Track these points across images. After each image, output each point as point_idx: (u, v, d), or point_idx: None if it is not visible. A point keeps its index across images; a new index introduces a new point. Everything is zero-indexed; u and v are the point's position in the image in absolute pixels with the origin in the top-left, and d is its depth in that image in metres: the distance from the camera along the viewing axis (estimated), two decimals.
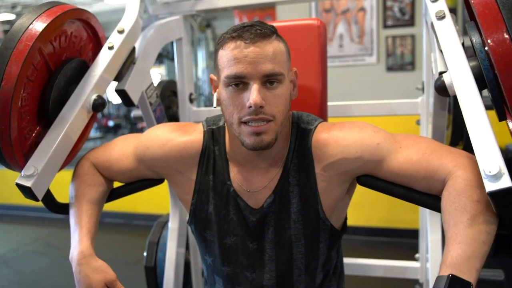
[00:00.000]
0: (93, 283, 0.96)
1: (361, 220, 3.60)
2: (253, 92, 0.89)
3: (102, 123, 10.38)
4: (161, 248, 1.75)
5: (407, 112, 1.59)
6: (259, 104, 0.88)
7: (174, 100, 1.81)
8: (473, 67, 0.90)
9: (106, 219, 4.45)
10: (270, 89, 0.92)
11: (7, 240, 4.21)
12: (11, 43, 0.99)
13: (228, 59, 0.92)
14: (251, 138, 0.92)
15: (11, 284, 3.13)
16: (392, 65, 3.57)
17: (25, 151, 1.08)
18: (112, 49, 1.25)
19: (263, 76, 0.90)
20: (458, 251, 0.76)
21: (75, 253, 1.00)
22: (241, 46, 0.91)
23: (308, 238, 1.02)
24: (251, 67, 0.90)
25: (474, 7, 0.77)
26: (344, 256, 1.81)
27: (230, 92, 0.93)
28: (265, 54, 0.91)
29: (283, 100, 0.94)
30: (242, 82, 0.91)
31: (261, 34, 0.92)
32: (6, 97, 0.97)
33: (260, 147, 0.93)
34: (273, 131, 0.93)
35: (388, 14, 3.52)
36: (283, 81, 0.94)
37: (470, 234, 0.77)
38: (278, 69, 0.92)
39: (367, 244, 3.52)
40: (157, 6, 1.71)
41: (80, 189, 1.11)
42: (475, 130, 0.81)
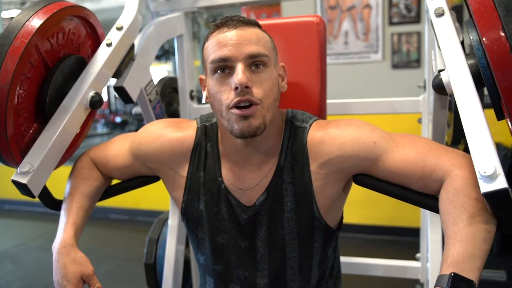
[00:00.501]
0: (69, 274, 0.94)
1: (365, 218, 3.58)
2: (238, 71, 0.89)
3: (110, 119, 10.44)
4: (161, 245, 1.75)
5: (409, 110, 1.57)
6: (244, 83, 0.88)
7: (175, 97, 1.81)
8: (471, 65, 0.88)
9: (110, 215, 4.47)
10: (256, 73, 0.92)
11: (12, 235, 4.24)
12: (7, 40, 0.99)
13: (213, 45, 0.93)
14: (238, 122, 0.90)
15: (15, 279, 3.16)
16: (397, 62, 3.54)
17: (22, 148, 1.09)
18: (110, 46, 1.24)
19: (247, 57, 0.90)
20: (459, 250, 0.75)
21: (57, 241, 1.00)
22: (224, 31, 0.93)
23: (302, 237, 1.01)
24: (235, 49, 0.90)
25: (469, 4, 0.76)
26: (347, 254, 1.81)
27: (216, 79, 0.93)
28: (248, 37, 0.92)
29: (270, 84, 0.93)
30: (227, 66, 0.91)
31: (244, 21, 0.94)
32: (1, 94, 0.97)
33: (249, 133, 0.91)
34: (260, 115, 0.91)
35: (394, 11, 3.50)
36: (269, 65, 0.94)
37: (470, 232, 0.76)
38: (263, 51, 0.92)
39: (371, 242, 3.51)
40: (158, 3, 1.71)
41: (75, 181, 1.12)
42: (471, 130, 0.80)
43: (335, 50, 3.68)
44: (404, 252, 1.77)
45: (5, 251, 3.70)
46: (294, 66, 1.29)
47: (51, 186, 1.12)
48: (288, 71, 1.25)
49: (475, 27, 0.78)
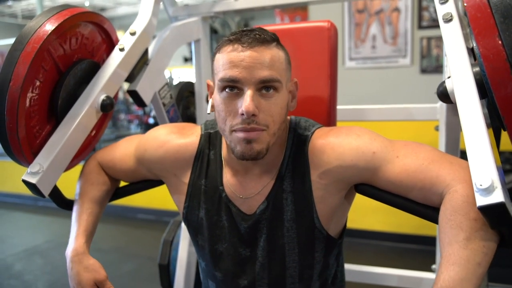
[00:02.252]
0: (83, 281, 0.99)
1: (391, 226, 3.51)
2: (246, 98, 0.86)
3: (143, 120, 10.65)
4: (175, 247, 1.77)
5: (425, 117, 1.53)
6: (251, 112, 0.86)
7: (192, 100, 1.83)
8: (475, 73, 0.85)
9: (138, 214, 4.56)
10: (265, 97, 0.89)
11: (43, 231, 4.39)
12: (20, 45, 1.03)
13: (224, 62, 0.89)
14: (241, 145, 0.90)
15: (43, 274, 3.27)
16: (426, 67, 3.46)
17: (35, 149, 1.12)
18: (123, 51, 1.27)
19: (258, 82, 0.88)
20: (451, 274, 0.72)
21: (70, 249, 1.03)
22: (238, 50, 0.89)
23: (302, 246, 1.00)
24: (247, 72, 0.87)
25: (466, 10, 0.73)
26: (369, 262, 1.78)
27: (223, 98, 0.91)
28: (262, 59, 0.88)
29: (278, 109, 0.91)
30: (236, 87, 0.89)
31: (260, 39, 0.89)
32: (13, 97, 1.01)
33: (250, 156, 0.90)
34: (264, 141, 0.90)
35: (423, 15, 3.42)
36: (280, 90, 0.91)
37: (464, 255, 0.73)
38: (275, 76, 0.89)
39: (396, 251, 3.43)
40: (176, 7, 1.73)
41: (84, 187, 1.15)
42: (470, 140, 0.77)
43: (362, 54, 3.63)
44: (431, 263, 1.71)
45: (36, 247, 3.83)
46: (304, 71, 1.28)
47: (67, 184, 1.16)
48: (298, 76, 1.25)
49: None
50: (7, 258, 3.58)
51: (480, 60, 0.80)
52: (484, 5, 0.72)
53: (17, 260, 3.54)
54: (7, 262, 3.51)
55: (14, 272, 3.32)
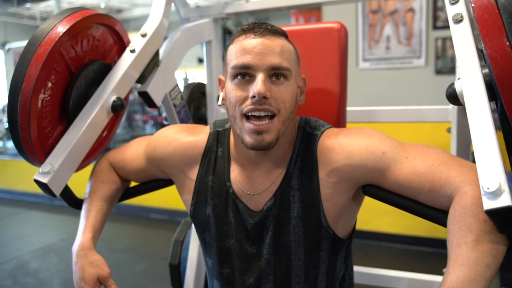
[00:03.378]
0: (86, 276, 0.99)
1: (404, 228, 3.48)
2: (258, 81, 0.89)
3: (158, 120, 10.73)
4: (186, 247, 1.78)
5: (437, 119, 1.51)
6: (263, 93, 0.88)
7: (204, 101, 1.84)
8: (485, 75, 0.84)
9: (152, 214, 4.60)
10: (275, 84, 0.92)
11: (59, 229, 4.46)
12: (32, 47, 1.05)
13: (237, 50, 0.93)
14: (251, 136, 0.92)
15: (58, 271, 3.31)
16: (441, 68, 3.42)
17: (47, 149, 1.14)
18: (134, 52, 1.29)
19: (269, 68, 0.91)
20: (459, 275, 0.71)
21: (76, 244, 1.05)
22: (250, 37, 0.93)
23: (308, 245, 1.00)
24: (258, 58, 0.91)
25: (474, 11, 0.72)
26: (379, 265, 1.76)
27: (235, 84, 0.94)
28: (273, 47, 0.92)
29: (288, 97, 0.94)
30: (248, 73, 0.92)
31: (272, 30, 0.94)
32: (25, 98, 1.03)
33: (261, 147, 0.92)
34: (275, 129, 0.92)
35: (438, 15, 3.38)
36: (290, 78, 0.94)
37: (473, 256, 0.72)
38: (285, 64, 0.93)
39: (408, 254, 3.40)
40: (188, 9, 1.74)
41: (94, 185, 1.17)
42: (479, 143, 0.76)
43: (376, 55, 3.61)
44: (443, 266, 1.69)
45: (52, 245, 3.89)
46: (314, 72, 1.28)
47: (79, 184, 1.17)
48: (308, 77, 1.25)
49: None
50: (23, 256, 3.64)
51: (488, 62, 0.79)
52: (491, 5, 0.71)
53: (33, 258, 3.60)
54: (23, 259, 3.57)
55: (30, 269, 3.38)
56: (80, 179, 1.41)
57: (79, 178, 1.36)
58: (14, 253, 3.72)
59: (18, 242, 4.05)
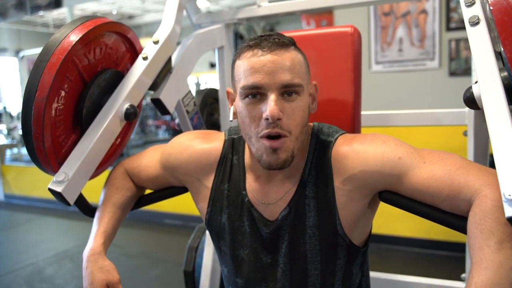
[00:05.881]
0: (95, 281, 0.99)
1: (420, 232, 3.43)
2: (270, 103, 0.87)
3: (171, 125, 10.79)
4: (200, 253, 1.77)
5: (453, 122, 1.49)
6: (276, 116, 0.87)
7: (216, 107, 1.83)
8: (504, 78, 0.82)
9: (165, 220, 4.60)
10: (288, 101, 0.90)
11: (73, 236, 4.48)
12: (45, 56, 1.05)
13: (245, 69, 0.90)
14: (267, 154, 0.91)
15: (73, 278, 3.33)
16: (455, 69, 3.38)
17: (60, 158, 1.14)
18: (146, 60, 1.29)
19: (281, 86, 0.88)
20: (483, 278, 0.70)
21: (87, 249, 1.04)
22: (258, 54, 0.90)
23: (324, 254, 0.98)
24: (269, 77, 0.88)
25: (492, 14, 0.71)
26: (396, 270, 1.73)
27: (246, 104, 0.91)
28: (283, 63, 0.89)
29: (301, 113, 0.92)
30: (259, 93, 0.90)
31: (279, 43, 0.91)
32: (39, 107, 1.03)
33: (276, 166, 0.91)
34: (289, 148, 0.91)
35: (451, 16, 3.35)
36: (302, 93, 0.92)
37: (497, 259, 0.71)
38: (297, 80, 0.90)
39: (426, 258, 3.35)
40: (199, 15, 1.74)
41: (108, 192, 1.17)
42: (498, 148, 0.74)
43: (389, 58, 3.58)
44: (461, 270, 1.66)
45: (67, 251, 3.91)
46: (327, 77, 1.26)
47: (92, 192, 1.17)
48: (321, 82, 1.24)
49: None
50: (39, 262, 3.67)
51: (507, 65, 0.77)
52: (511, 8, 0.69)
53: (49, 264, 3.63)
54: (39, 265, 3.60)
55: (45, 275, 3.40)
56: (93, 186, 1.42)
57: (92, 185, 1.36)
58: (30, 260, 3.75)
59: (33, 249, 4.08)
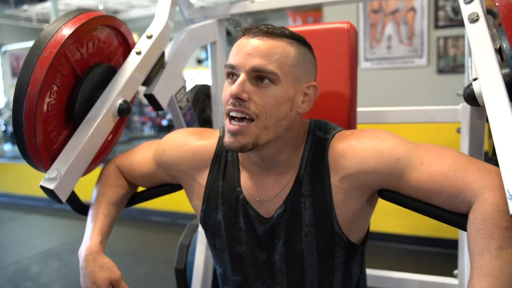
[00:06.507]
0: (98, 280, 0.97)
1: (409, 228, 3.46)
2: (236, 82, 0.87)
3: (157, 122, 10.71)
4: (191, 251, 1.76)
5: (447, 119, 1.49)
6: (235, 94, 0.86)
7: (209, 103, 1.81)
8: (505, 75, 0.82)
9: (152, 217, 4.57)
10: (259, 86, 0.88)
11: (58, 234, 4.42)
12: (37, 50, 1.02)
13: (232, 50, 0.93)
14: (228, 136, 0.91)
15: (59, 277, 3.28)
16: (443, 67, 3.41)
17: (52, 154, 1.12)
18: (139, 54, 1.26)
19: (251, 69, 0.87)
20: (484, 285, 0.70)
21: (84, 248, 1.02)
22: (243, 38, 0.92)
23: (321, 252, 0.97)
24: (244, 58, 0.88)
25: (499, 10, 0.70)
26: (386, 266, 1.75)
27: (226, 84, 0.93)
28: (261, 48, 0.88)
29: (272, 102, 0.88)
30: (234, 73, 0.90)
31: (267, 32, 0.90)
32: (31, 102, 1.00)
33: (234, 148, 0.90)
34: (252, 133, 0.88)
35: (440, 14, 3.37)
36: (277, 82, 0.88)
37: (497, 265, 0.71)
38: (271, 67, 0.87)
39: (414, 254, 3.38)
40: (192, 10, 1.72)
41: (102, 188, 1.14)
42: (501, 145, 0.74)
43: (377, 55, 3.59)
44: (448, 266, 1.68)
45: (52, 249, 3.85)
46: (323, 73, 1.25)
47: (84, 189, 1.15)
48: (318, 78, 1.22)
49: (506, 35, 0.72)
50: (23, 261, 3.61)
51: (511, 61, 0.77)
52: None
53: (33, 262, 3.57)
54: (23, 264, 3.54)
55: (30, 274, 3.34)
56: (84, 184, 1.39)
57: (83, 182, 1.33)
58: (13, 258, 3.69)
59: (17, 247, 4.01)
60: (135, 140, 9.18)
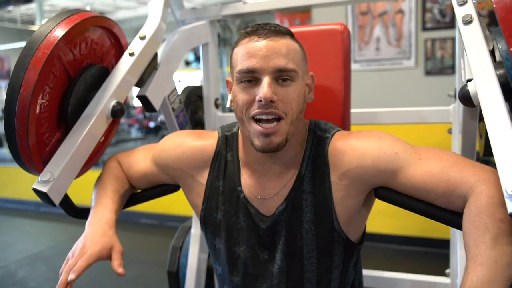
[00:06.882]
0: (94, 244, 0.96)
1: (397, 228, 3.49)
2: (264, 85, 0.88)
3: (144, 124, 10.64)
4: (184, 253, 1.75)
5: (438, 120, 1.51)
6: (269, 98, 0.87)
7: (200, 105, 1.81)
8: (500, 76, 0.84)
9: (141, 219, 4.53)
10: (282, 86, 0.91)
11: (45, 237, 4.36)
12: (30, 51, 1.01)
13: (242, 54, 0.92)
14: (260, 139, 0.91)
15: (47, 280, 3.23)
16: (431, 69, 3.45)
17: (45, 156, 1.10)
18: (133, 56, 1.25)
19: (275, 70, 0.90)
20: (479, 274, 0.71)
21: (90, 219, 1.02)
22: (254, 40, 0.92)
23: (321, 249, 0.99)
24: (263, 61, 0.89)
25: (496, 12, 0.71)
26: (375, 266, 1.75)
27: (242, 88, 0.93)
28: (278, 48, 0.90)
29: (296, 97, 0.92)
30: (254, 77, 0.91)
31: (275, 31, 0.93)
32: (24, 104, 0.99)
33: (270, 149, 0.92)
34: (283, 131, 0.91)
35: (427, 16, 3.41)
36: (296, 79, 0.93)
37: (492, 255, 0.72)
38: (291, 65, 0.91)
39: (402, 253, 3.41)
40: (184, 11, 1.71)
41: (109, 179, 1.13)
42: (498, 145, 0.75)
43: (366, 57, 3.62)
44: (437, 265, 1.69)
45: (39, 253, 3.80)
46: (317, 74, 1.25)
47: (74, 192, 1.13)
48: None
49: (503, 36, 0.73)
50: (10, 265, 3.55)
51: (507, 63, 0.78)
52: None
53: (20, 267, 3.52)
54: (10, 269, 3.49)
55: (17, 279, 3.29)
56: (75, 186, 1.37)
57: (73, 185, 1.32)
58: (0, 262, 3.62)
59: (3, 251, 3.95)
60: (122, 143, 9.11)
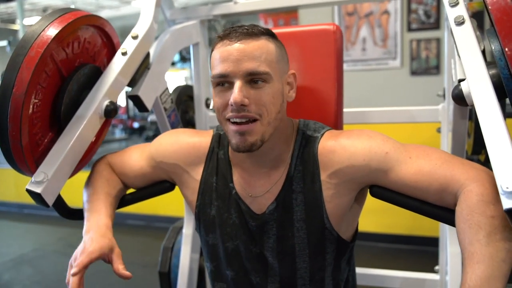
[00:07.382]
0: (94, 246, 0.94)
1: (384, 227, 3.53)
2: (235, 90, 0.89)
3: (128, 124, 10.55)
4: (175, 254, 1.74)
5: (427, 119, 1.54)
6: (239, 102, 0.88)
7: (191, 105, 1.81)
8: (492, 76, 0.85)
9: (127, 220, 4.49)
10: (255, 88, 0.91)
11: (30, 239, 4.29)
12: (23, 50, 1.00)
13: (216, 58, 0.93)
14: (235, 137, 0.92)
15: (33, 283, 3.19)
16: (416, 69, 3.49)
17: (37, 157, 1.09)
18: (125, 55, 1.25)
19: (246, 74, 0.90)
20: (477, 272, 0.72)
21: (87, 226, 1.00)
22: (227, 44, 0.92)
23: (313, 248, 1.00)
24: (234, 65, 0.90)
25: (491, 13, 0.73)
26: (364, 264, 1.77)
27: (217, 92, 0.94)
28: (249, 51, 0.90)
29: (270, 99, 0.92)
30: (227, 81, 0.91)
31: (247, 33, 0.92)
32: (17, 103, 0.98)
33: (244, 148, 0.92)
34: (258, 131, 0.92)
35: (412, 17, 3.45)
36: (270, 80, 0.92)
37: (487, 252, 0.73)
38: (263, 68, 0.90)
39: (389, 252, 3.45)
40: (174, 10, 1.71)
41: (99, 183, 1.12)
42: (492, 143, 0.77)
43: (352, 57, 3.65)
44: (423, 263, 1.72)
45: (24, 255, 3.74)
46: (310, 74, 1.27)
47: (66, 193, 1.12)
48: (304, 79, 1.25)
49: (497, 36, 0.75)
50: None
51: (500, 63, 0.80)
52: (509, 7, 0.71)
53: (5, 270, 3.46)
54: None
55: (2, 282, 3.24)
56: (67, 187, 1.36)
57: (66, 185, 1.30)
58: None
59: None
60: (106, 143, 9.01)
